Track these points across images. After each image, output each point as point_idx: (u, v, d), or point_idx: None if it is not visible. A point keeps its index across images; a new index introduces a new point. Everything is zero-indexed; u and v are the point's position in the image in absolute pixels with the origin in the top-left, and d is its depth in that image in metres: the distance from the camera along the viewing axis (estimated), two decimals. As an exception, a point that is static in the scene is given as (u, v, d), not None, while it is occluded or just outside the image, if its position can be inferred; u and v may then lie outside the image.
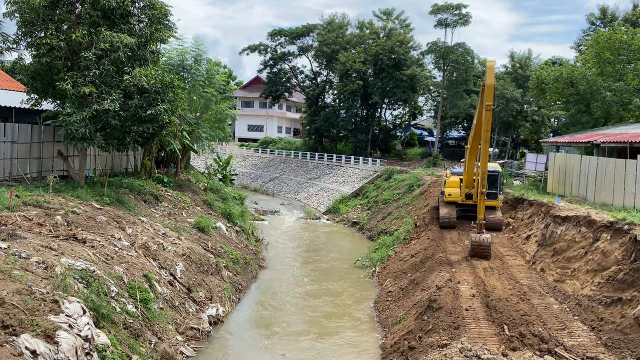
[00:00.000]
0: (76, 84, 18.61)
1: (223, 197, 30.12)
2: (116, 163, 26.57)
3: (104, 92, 19.01)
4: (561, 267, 19.02)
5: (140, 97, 19.57)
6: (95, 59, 18.90)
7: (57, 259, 12.40)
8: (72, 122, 18.31)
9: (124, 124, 19.44)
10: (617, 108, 34.03)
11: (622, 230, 17.04)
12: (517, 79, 56.81)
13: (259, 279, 22.96)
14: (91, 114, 18.46)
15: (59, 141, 21.57)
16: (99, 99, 18.87)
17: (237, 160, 68.03)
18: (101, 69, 18.97)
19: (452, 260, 20.88)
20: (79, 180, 20.89)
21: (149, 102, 19.55)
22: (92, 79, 18.84)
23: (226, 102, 34.06)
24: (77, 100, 18.66)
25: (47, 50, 18.92)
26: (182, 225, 21.42)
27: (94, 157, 24.40)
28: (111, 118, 18.83)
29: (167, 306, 15.17)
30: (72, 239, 14.44)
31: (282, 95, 70.08)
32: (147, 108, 19.44)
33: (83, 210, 16.99)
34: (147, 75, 19.53)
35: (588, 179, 25.64)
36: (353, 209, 42.37)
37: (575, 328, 13.92)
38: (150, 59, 21.25)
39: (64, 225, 15.17)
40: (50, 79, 19.64)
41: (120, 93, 19.20)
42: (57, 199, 17.19)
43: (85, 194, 18.85)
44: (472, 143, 24.33)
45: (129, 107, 19.31)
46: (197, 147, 31.84)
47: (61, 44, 18.83)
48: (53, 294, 10.52)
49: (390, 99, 61.58)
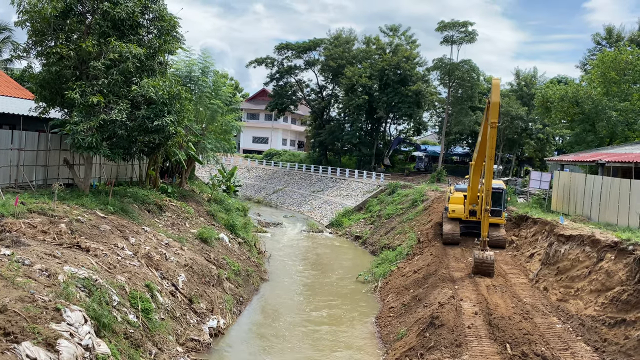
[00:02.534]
0: (84, 93, 18.77)
1: (226, 208, 30.16)
2: (121, 172, 26.69)
3: (112, 101, 19.16)
4: (565, 287, 18.90)
5: (148, 108, 19.72)
6: (104, 69, 19.08)
7: (60, 267, 12.41)
8: (79, 131, 18.43)
9: (131, 134, 19.56)
10: (623, 128, 34.04)
11: (627, 251, 16.96)
12: (522, 96, 56.98)
13: (260, 292, 22.89)
14: (98, 123, 18.59)
15: (65, 149, 21.69)
16: (106, 108, 19.01)
17: (241, 172, 68.18)
18: (109, 79, 19.14)
19: (455, 277, 20.79)
20: (84, 188, 20.98)
21: (156, 113, 19.68)
22: (101, 88, 19.01)
23: (232, 113, 34.25)
24: (85, 109, 18.81)
25: (57, 59, 19.12)
26: (185, 236, 21.44)
27: (100, 166, 24.52)
28: (118, 128, 18.95)
29: (168, 317, 15.13)
30: (75, 247, 14.47)
31: (287, 108, 70.48)
32: (154, 119, 19.57)
33: (87, 218, 17.05)
34: (154, 86, 19.68)
35: (592, 198, 25.56)
36: (356, 223, 42.31)
37: (579, 348, 13.81)
38: (158, 70, 21.43)
39: (67, 233, 15.21)
40: (58, 87, 19.82)
41: (128, 103, 19.34)
42: (62, 207, 17.25)
43: (89, 202, 18.92)
44: (476, 160, 24.35)
45: (136, 117, 19.44)
46: (202, 158, 31.97)
47: (71, 53, 19.06)
48: (55, 302, 10.52)
49: (395, 113, 61.85)
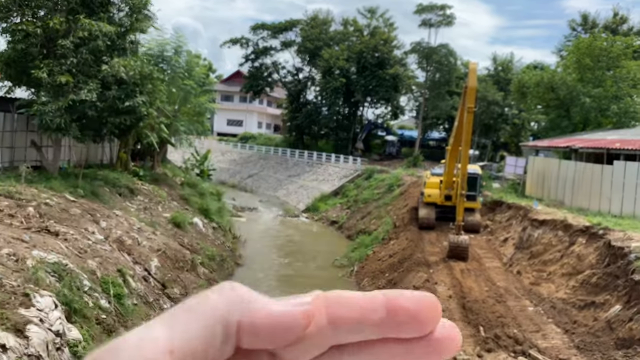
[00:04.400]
0: (52, 72, 18.10)
1: (200, 192, 29.72)
2: (91, 155, 26.00)
3: (81, 81, 18.53)
4: (537, 270, 19.25)
5: (118, 88, 19.14)
6: (73, 48, 18.40)
7: (29, 252, 12.04)
8: (47, 111, 17.80)
9: (101, 115, 19.00)
10: (596, 114, 34.64)
11: (597, 235, 17.32)
12: (499, 82, 57.45)
13: (235, 276, 22.70)
14: (67, 104, 17.96)
15: (33, 131, 21.00)
16: (75, 88, 18.38)
17: (216, 155, 67.35)
18: (79, 58, 18.48)
19: (430, 261, 20.96)
20: (53, 171, 20.36)
21: (127, 93, 19.14)
22: (69, 67, 18.35)
23: (206, 95, 33.65)
24: (53, 89, 18.17)
25: (23, 37, 18.35)
26: (157, 220, 21.06)
27: (69, 148, 23.81)
28: (88, 109, 18.36)
29: (141, 302, 14.87)
30: (44, 232, 14.05)
31: (263, 90, 69.64)
32: (125, 99, 19.03)
33: (56, 202, 16.55)
34: (125, 66, 19.11)
35: (566, 183, 26.02)
36: (332, 208, 42.31)
37: (549, 330, 14.07)
38: (129, 49, 20.79)
39: (36, 217, 14.75)
40: (25, 66, 19.05)
41: (98, 83, 18.74)
42: (30, 190, 16.70)
43: (58, 185, 18.36)
44: (452, 145, 24.45)
45: (107, 98, 18.87)
46: (175, 141, 31.39)
47: (37, 31, 18.27)
48: (24, 287, 10.22)
49: (372, 97, 61.71)
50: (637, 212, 20.80)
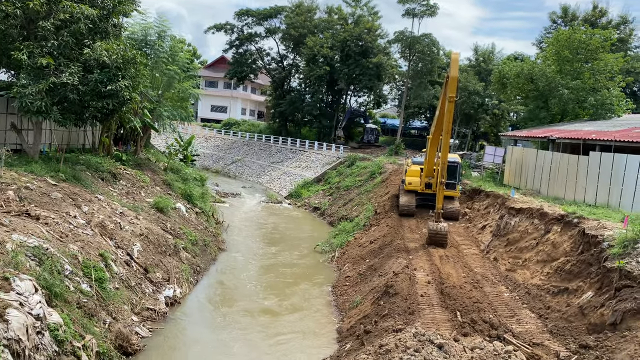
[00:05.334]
0: (32, 54, 17.85)
1: (183, 177, 29.67)
2: (73, 139, 25.74)
3: (62, 64, 18.32)
4: (513, 257, 19.71)
5: (101, 72, 18.95)
6: (54, 30, 18.15)
7: (8, 235, 12.01)
8: (27, 94, 17.59)
9: (83, 99, 18.81)
10: (573, 105, 35.24)
11: (572, 224, 17.77)
12: (480, 72, 57.95)
13: (218, 261, 22.84)
14: (48, 86, 17.77)
15: (13, 113, 20.73)
16: (56, 71, 18.17)
17: (199, 141, 67.03)
18: (60, 41, 18.24)
19: (409, 247, 21.31)
20: (33, 154, 20.16)
21: (110, 77, 18.96)
22: (50, 50, 18.12)
23: (189, 80, 33.41)
24: (33, 71, 17.93)
25: (2, 18, 18.02)
26: (140, 205, 21.03)
27: (50, 132, 23.56)
28: (69, 92, 18.18)
29: (123, 286, 14.95)
30: (24, 215, 13.99)
31: (247, 77, 69.25)
32: (108, 83, 18.86)
33: (37, 186, 16.44)
34: (108, 50, 18.92)
35: (543, 173, 26.55)
36: (315, 194, 42.54)
37: (524, 315, 14.48)
38: (112, 32, 20.56)
39: (16, 200, 14.66)
40: (4, 47, 18.76)
41: (80, 66, 18.54)
42: (9, 174, 16.55)
43: (39, 169, 18.22)
44: (433, 133, 24.74)
45: (89, 81, 18.68)
46: (158, 126, 31.17)
47: (17, 12, 17.96)
48: (3, 271, 10.23)
49: (356, 85, 61.79)
50: (611, 202, 21.38)
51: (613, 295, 12.86)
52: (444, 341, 10.10)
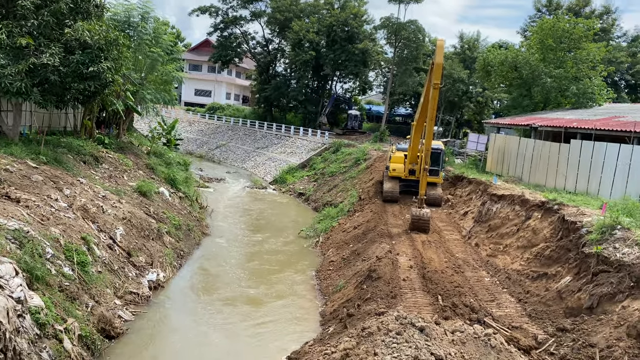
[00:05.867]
0: (11, 34, 17.46)
1: (167, 161, 29.42)
2: (54, 121, 25.31)
3: (43, 45, 17.95)
4: (494, 243, 20.00)
5: (82, 53, 18.62)
6: (34, 9, 17.75)
7: (-12, 218, 11.85)
8: (7, 74, 17.21)
9: (64, 80, 18.48)
10: (556, 94, 35.60)
11: (552, 210, 18.08)
12: (464, 60, 58.13)
13: (201, 246, 22.81)
14: (28, 67, 17.42)
15: (-9, 94, 20.28)
16: (36, 52, 17.81)
17: (183, 125, 66.41)
18: (40, 20, 17.85)
19: (392, 232, 21.50)
20: (13, 137, 19.81)
21: (92, 58, 18.64)
22: (30, 30, 17.73)
23: (173, 63, 33.02)
24: (12, 51, 17.55)
25: (-21, -4, 17.61)
26: (123, 189, 20.85)
27: (30, 114, 23.13)
28: (50, 73, 17.84)
29: (105, 270, 14.87)
30: (4, 198, 13.80)
31: (232, 61, 68.57)
32: (89, 65, 18.54)
33: (17, 168, 16.19)
34: (90, 30, 18.56)
35: (524, 160, 26.86)
36: (300, 180, 42.56)
37: (504, 300, 14.76)
38: (94, 13, 20.14)
39: (-5, 183, 14.43)
40: (-18, 26, 18.32)
41: (61, 47, 18.18)
42: (-12, 156, 16.28)
43: (19, 151, 17.92)
44: (418, 120, 24.85)
45: (70, 62, 18.34)
46: (141, 109, 30.79)
47: (-5, -10, 17.57)
48: (-17, 253, 10.10)
49: (341, 71, 61.61)
50: (590, 189, 21.75)
51: (590, 280, 13.17)
52: (426, 324, 10.26)
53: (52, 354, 10.31)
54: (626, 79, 58.17)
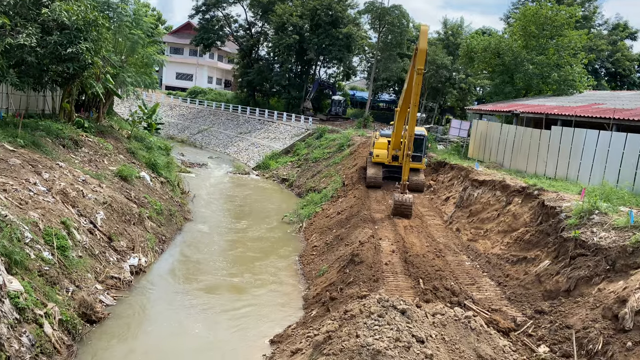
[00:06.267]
0: (-14, 13, 17.00)
1: (148, 146, 29.07)
2: (32, 104, 24.78)
3: (19, 24, 17.50)
4: (475, 228, 20.25)
5: (60, 34, 18.21)
6: (9, -13, 17.28)
7: (-36, 202, 11.61)
8: (-19, 55, 16.81)
9: (41, 62, 18.09)
10: (538, 81, 35.91)
11: (532, 195, 18.32)
12: (448, 46, 58.19)
13: (183, 231, 22.69)
14: (4, 47, 16.98)
15: (-34, 76, 19.74)
16: (12, 32, 17.36)
17: (164, 110, 65.60)
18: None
19: (375, 218, 21.62)
20: (-11, 119, 19.39)
21: (70, 39, 18.24)
22: (5, 9, 17.27)
23: (154, 46, 32.49)
24: (-13, 31, 17.10)
25: (-48, -27, 17.06)
26: (103, 173, 20.57)
27: (7, 96, 22.60)
28: (27, 54, 17.43)
29: (86, 254, 14.71)
30: (-19, 182, 13.52)
31: (214, 44, 67.67)
32: (68, 46, 18.14)
33: (-6, 151, 15.86)
34: (68, 10, 18.14)
35: (506, 146, 27.14)
36: (283, 166, 42.45)
37: (484, 283, 15.00)
38: (72, -8, 19.69)
39: (-29, 166, 14.13)
40: (-45, 5, 17.79)
41: (38, 28, 17.76)
42: (-36, 138, 15.91)
43: (-4, 134, 17.55)
44: (401, 106, 24.90)
45: (47, 43, 17.94)
46: (121, 93, 30.29)
47: (-32, -33, 17.03)
48: (-41, 237, 9.92)
49: (325, 56, 61.21)
50: (570, 175, 22.09)
51: (568, 263, 13.42)
52: (407, 307, 10.38)
53: (32, 339, 10.22)
54: (606, 67, 58.94)
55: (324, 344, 9.67)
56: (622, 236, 12.61)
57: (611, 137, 20.41)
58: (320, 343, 9.78)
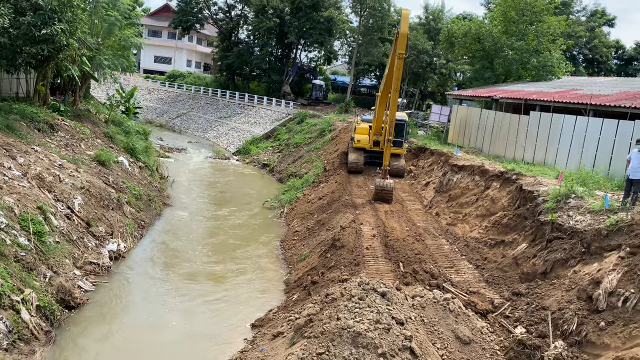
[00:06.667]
0: (-45, -8, 16.43)
1: (126, 130, 28.61)
2: (5, 86, 24.13)
3: (-10, 4, 16.98)
4: (454, 212, 20.49)
5: (34, 15, 17.72)
6: (-21, -35, 16.71)
7: (-64, 187, 11.31)
8: (-49, 35, 16.28)
9: (14, 43, 17.61)
10: (517, 66, 36.21)
11: (510, 180, 18.58)
12: (429, 31, 58.18)
13: (163, 216, 22.50)
14: (-26, 28, 16.49)
15: None
16: (-17, 12, 16.84)
17: (142, 93, 64.56)
18: (-14, -22, 16.84)
19: (356, 203, 21.71)
20: (-40, 102, 18.85)
21: (44, 20, 17.76)
22: (-25, -12, 16.72)
23: (131, 28, 31.79)
24: (-43, 11, 16.55)
25: None
26: (80, 158, 20.22)
27: (-22, 78, 22.02)
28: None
29: (64, 240, 14.50)
30: (-47, 166, 13.18)
31: (193, 27, 66.51)
32: (42, 27, 17.67)
33: (-34, 135, 15.45)
34: (41, -10, 17.65)
35: (485, 131, 27.40)
36: (264, 151, 42.24)
37: (462, 266, 15.22)
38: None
39: (-58, 150, 13.75)
40: None
41: (10, 8, 17.24)
42: None
43: (-32, 117, 17.09)
44: (382, 91, 24.87)
45: (21, 24, 17.45)
46: (98, 76, 29.67)
47: None
48: None
49: (306, 40, 60.71)
50: (548, 160, 22.43)
51: (545, 246, 13.68)
52: (387, 290, 10.48)
53: (9, 325, 10.08)
54: (584, 53, 59.69)
55: (305, 327, 9.73)
56: (597, 219, 12.89)
57: (588, 122, 20.74)
58: (302, 326, 9.83)
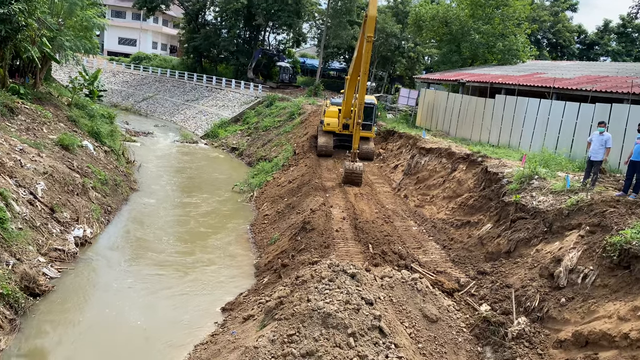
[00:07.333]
0: None
1: (90, 114, 27.86)
2: (-41, 68, 23.16)
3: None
4: (422, 194, 20.82)
5: (-11, -7, 17.00)
6: None
7: None
8: None
9: (-31, 23, 16.88)
10: (483, 50, 36.72)
11: (476, 162, 18.96)
12: (397, 14, 58.21)
13: (130, 201, 22.13)
14: None
15: None
16: None
17: (106, 76, 62.86)
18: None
19: (326, 186, 21.81)
20: None
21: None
22: None
23: (94, 9, 30.77)
24: None
25: None
26: (43, 142, 19.64)
27: None
28: (-49, 14, 16.22)
29: (26, 226, 14.14)
30: None
31: (158, 7, 64.87)
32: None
33: None
34: (-4, -33, 16.92)
35: (452, 115, 27.78)
36: (233, 135, 41.84)
37: (430, 247, 15.54)
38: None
39: None
40: None
41: (-37, -15, 16.49)
42: None
43: None
44: (352, 75, 24.89)
45: (-25, 2, 16.72)
46: (60, 57, 28.70)
47: None
48: None
49: (274, 22, 60.01)
50: (512, 142, 22.94)
51: (509, 226, 14.07)
52: (357, 271, 10.64)
53: (-29, 314, 9.83)
54: (548, 38, 60.84)
55: (276, 309, 9.81)
56: (559, 200, 13.31)
57: (551, 105, 21.25)
58: (272, 308, 9.90)
